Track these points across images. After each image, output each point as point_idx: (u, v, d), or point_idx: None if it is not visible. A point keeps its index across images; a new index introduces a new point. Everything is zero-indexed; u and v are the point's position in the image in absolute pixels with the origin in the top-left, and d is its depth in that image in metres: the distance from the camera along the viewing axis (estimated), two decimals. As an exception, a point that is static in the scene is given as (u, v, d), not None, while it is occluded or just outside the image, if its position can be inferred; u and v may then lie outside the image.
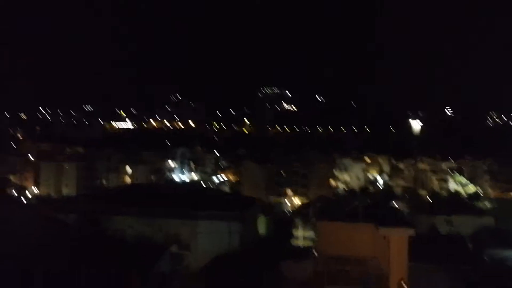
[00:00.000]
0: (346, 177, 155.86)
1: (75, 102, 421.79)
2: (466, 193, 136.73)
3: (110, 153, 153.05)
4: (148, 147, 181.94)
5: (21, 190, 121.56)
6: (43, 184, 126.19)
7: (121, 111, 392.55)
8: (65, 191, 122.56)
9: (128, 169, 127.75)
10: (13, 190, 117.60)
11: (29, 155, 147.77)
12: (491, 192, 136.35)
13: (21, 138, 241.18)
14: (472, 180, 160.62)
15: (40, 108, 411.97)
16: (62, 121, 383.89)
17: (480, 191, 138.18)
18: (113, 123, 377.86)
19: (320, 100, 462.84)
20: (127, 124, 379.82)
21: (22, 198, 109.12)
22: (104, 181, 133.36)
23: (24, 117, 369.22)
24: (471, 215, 68.75)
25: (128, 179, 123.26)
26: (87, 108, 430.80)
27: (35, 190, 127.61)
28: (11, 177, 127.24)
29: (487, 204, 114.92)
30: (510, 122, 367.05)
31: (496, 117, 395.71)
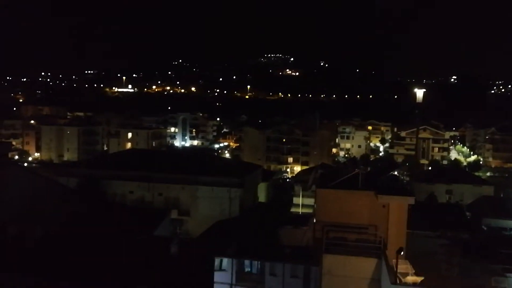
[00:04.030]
0: (348, 145, 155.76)
1: (77, 66, 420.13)
2: (466, 162, 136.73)
3: (111, 117, 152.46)
4: (149, 112, 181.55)
5: (23, 154, 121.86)
6: (45, 148, 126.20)
7: (123, 77, 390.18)
8: (67, 156, 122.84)
9: (129, 134, 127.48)
10: (15, 155, 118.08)
11: (30, 118, 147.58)
12: (492, 162, 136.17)
13: (21, 101, 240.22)
14: (473, 149, 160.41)
15: (42, 71, 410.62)
16: (63, 85, 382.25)
17: (481, 160, 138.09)
18: (114, 88, 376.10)
19: (323, 65, 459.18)
20: (129, 90, 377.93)
21: (24, 162, 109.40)
22: (105, 146, 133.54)
23: (24, 80, 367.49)
24: (470, 184, 68.81)
25: (128, 144, 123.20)
26: (88, 73, 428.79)
27: (36, 154, 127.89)
28: (13, 142, 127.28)
29: (488, 174, 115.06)
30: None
31: (502, 86, 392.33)
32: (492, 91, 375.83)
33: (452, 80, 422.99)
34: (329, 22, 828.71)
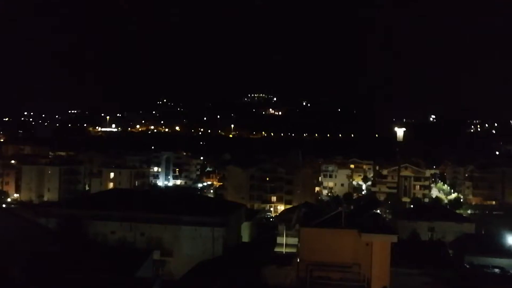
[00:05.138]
0: (331, 183, 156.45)
1: (60, 106, 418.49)
2: (447, 199, 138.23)
3: (93, 157, 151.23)
4: (132, 151, 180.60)
5: (2, 195, 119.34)
6: (25, 188, 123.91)
7: (107, 117, 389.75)
8: (47, 195, 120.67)
9: (111, 174, 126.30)
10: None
11: (10, 158, 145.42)
12: (472, 199, 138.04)
13: (2, 140, 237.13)
14: (453, 186, 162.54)
15: (24, 111, 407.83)
16: (45, 124, 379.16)
17: (461, 197, 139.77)
18: (98, 128, 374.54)
19: (305, 105, 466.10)
20: (112, 129, 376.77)
21: (2, 203, 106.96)
22: (86, 186, 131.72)
23: (6, 119, 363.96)
24: (452, 222, 69.55)
25: (111, 184, 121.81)
26: (72, 112, 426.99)
27: (16, 195, 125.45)
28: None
29: (468, 211, 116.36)
30: (493, 131, 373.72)
31: (479, 126, 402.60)
32: (470, 130, 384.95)
33: (431, 119, 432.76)
34: (311, 63, 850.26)
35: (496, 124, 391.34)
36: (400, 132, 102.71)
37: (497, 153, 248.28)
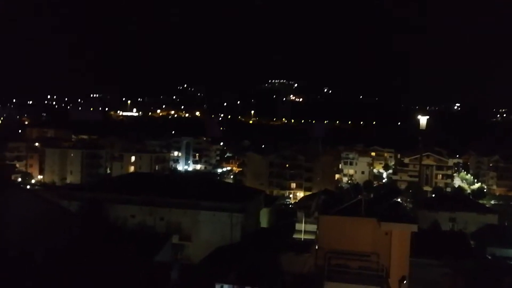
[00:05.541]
0: (351, 171, 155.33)
1: (83, 90, 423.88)
2: (470, 189, 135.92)
3: (114, 141, 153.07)
4: (153, 136, 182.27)
5: (26, 176, 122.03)
6: (48, 170, 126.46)
7: (128, 101, 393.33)
8: (70, 178, 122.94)
9: (132, 158, 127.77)
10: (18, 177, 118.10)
11: (34, 141, 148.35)
12: (496, 189, 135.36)
13: (27, 124, 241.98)
14: (477, 176, 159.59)
15: (47, 94, 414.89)
16: (68, 108, 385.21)
17: (485, 188, 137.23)
18: (119, 112, 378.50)
19: (327, 92, 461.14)
20: (133, 113, 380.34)
21: (26, 185, 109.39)
22: (108, 169, 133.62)
23: (30, 103, 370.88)
24: (474, 212, 68.28)
25: (131, 168, 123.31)
26: (94, 96, 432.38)
27: (40, 177, 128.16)
28: (17, 164, 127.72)
29: (492, 202, 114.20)
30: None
31: (505, 115, 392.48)
32: (495, 119, 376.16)
33: (456, 107, 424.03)
34: (333, 49, 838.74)
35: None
36: (423, 120, 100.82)
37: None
